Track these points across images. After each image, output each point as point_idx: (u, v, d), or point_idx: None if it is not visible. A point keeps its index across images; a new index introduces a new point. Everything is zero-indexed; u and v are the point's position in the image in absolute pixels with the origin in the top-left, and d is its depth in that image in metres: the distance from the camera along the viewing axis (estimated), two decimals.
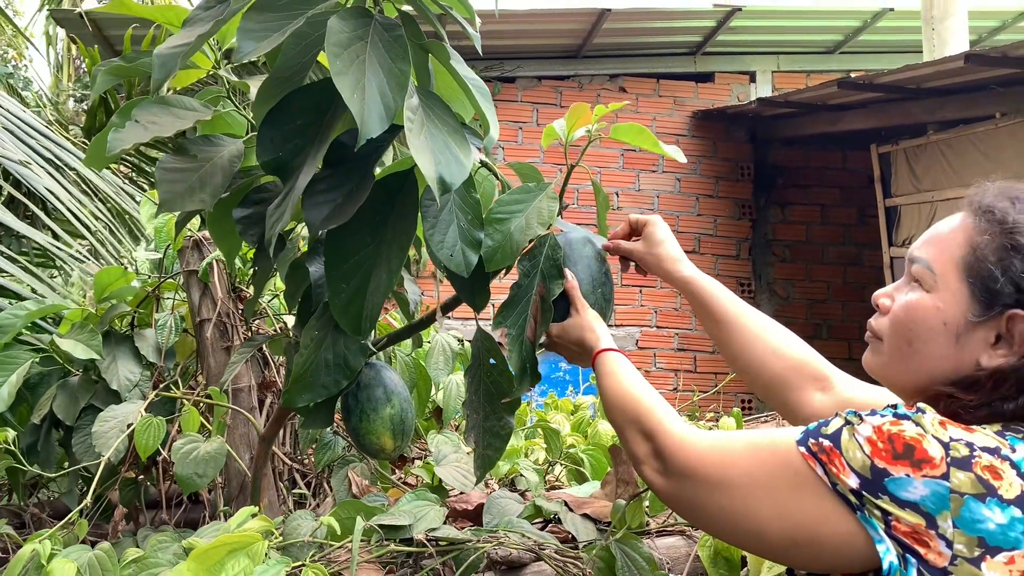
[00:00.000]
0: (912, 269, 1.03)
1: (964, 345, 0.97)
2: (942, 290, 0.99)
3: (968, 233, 0.99)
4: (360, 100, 1.10)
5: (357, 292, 1.33)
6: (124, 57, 1.44)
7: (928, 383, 0.99)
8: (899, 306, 1.03)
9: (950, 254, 1.00)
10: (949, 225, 1.02)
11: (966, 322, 0.97)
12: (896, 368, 1.04)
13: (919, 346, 1.00)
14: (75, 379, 1.97)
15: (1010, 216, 0.96)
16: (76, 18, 5.09)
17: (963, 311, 0.97)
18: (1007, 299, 0.94)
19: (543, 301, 1.35)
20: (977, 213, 0.99)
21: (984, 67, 4.05)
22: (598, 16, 5.93)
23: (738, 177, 6.99)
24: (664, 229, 1.37)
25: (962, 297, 0.97)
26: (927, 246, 1.03)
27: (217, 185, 1.40)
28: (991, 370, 0.94)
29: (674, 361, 6.76)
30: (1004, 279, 0.94)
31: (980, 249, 0.97)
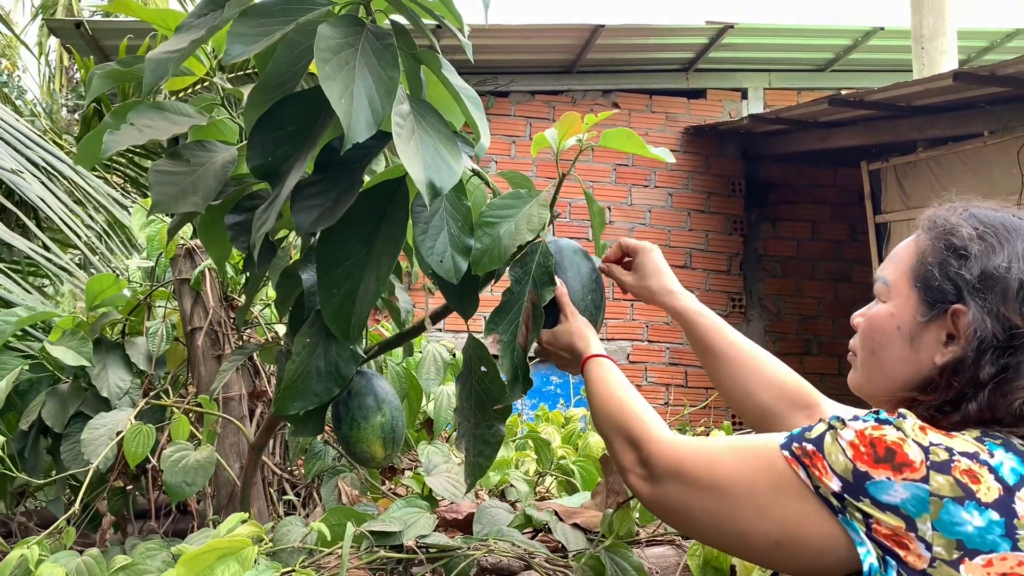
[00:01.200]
0: (875, 288, 1.09)
1: (918, 347, 1.01)
2: (895, 298, 1.04)
3: (917, 244, 1.05)
4: (347, 105, 1.11)
5: (347, 297, 1.34)
6: (120, 61, 1.45)
7: (894, 389, 1.03)
8: (862, 320, 1.09)
9: (902, 266, 1.05)
10: (904, 243, 1.08)
11: (916, 324, 1.01)
12: (868, 379, 1.08)
13: (881, 354, 1.05)
14: (65, 386, 1.96)
15: (949, 220, 1.02)
16: (71, 28, 5.10)
17: (912, 314, 1.02)
18: (949, 296, 0.99)
19: (534, 308, 1.35)
20: (924, 227, 1.06)
21: (973, 85, 4.09)
22: (591, 32, 5.97)
23: (730, 193, 7.02)
24: (656, 259, 1.38)
25: (911, 301, 1.02)
26: (885, 264, 1.09)
27: (209, 189, 1.41)
28: (941, 366, 0.98)
29: (665, 375, 6.77)
30: (942, 277, 0.99)
31: (923, 255, 1.03)
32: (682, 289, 1.37)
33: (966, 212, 1.03)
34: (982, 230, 1.00)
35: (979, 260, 0.98)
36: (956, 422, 0.95)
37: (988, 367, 0.94)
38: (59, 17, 9.45)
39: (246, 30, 1.12)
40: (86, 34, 5.12)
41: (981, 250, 0.98)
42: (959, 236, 1.00)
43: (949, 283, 0.99)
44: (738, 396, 1.31)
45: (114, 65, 1.42)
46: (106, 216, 3.17)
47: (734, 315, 6.95)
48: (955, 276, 0.99)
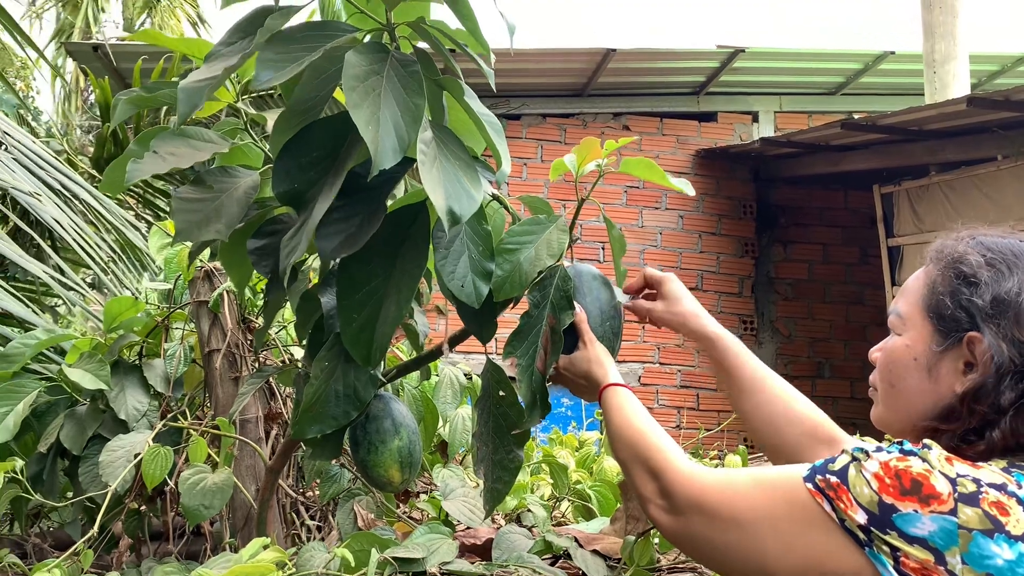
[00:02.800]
0: (889, 321, 1.10)
1: (937, 377, 1.01)
2: (910, 329, 1.05)
3: (927, 275, 1.06)
4: (374, 132, 1.12)
5: (368, 322, 1.34)
6: (144, 87, 1.46)
7: (916, 420, 1.03)
8: (879, 354, 1.09)
9: (915, 297, 1.06)
10: (914, 275, 1.09)
11: (932, 354, 1.02)
12: (889, 412, 1.08)
13: (900, 385, 1.05)
14: (82, 408, 1.97)
15: (957, 249, 1.04)
16: (89, 51, 5.16)
17: (928, 344, 1.03)
18: (963, 324, 0.99)
19: (553, 332, 1.35)
20: (932, 258, 1.07)
21: (986, 110, 4.10)
22: (603, 56, 6.01)
23: (741, 215, 7.03)
24: (681, 286, 1.38)
25: (926, 332, 1.03)
26: (898, 298, 1.10)
27: (233, 216, 1.42)
28: (961, 394, 0.98)
29: (677, 398, 6.74)
30: (954, 306, 1.00)
31: (934, 285, 1.04)
32: (709, 315, 1.37)
33: (973, 240, 1.04)
34: (990, 256, 1.01)
35: (990, 287, 0.99)
36: (981, 451, 0.95)
37: (1008, 392, 0.94)
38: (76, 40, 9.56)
39: (274, 56, 1.13)
40: (103, 57, 5.18)
41: (991, 276, 0.99)
42: (968, 264, 1.01)
43: (962, 311, 1.00)
44: (760, 426, 1.30)
45: (139, 91, 1.44)
46: (119, 237, 3.19)
47: (746, 337, 6.93)
48: (967, 304, 0.99)
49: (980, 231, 1.07)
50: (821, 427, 1.29)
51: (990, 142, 4.39)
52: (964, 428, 0.97)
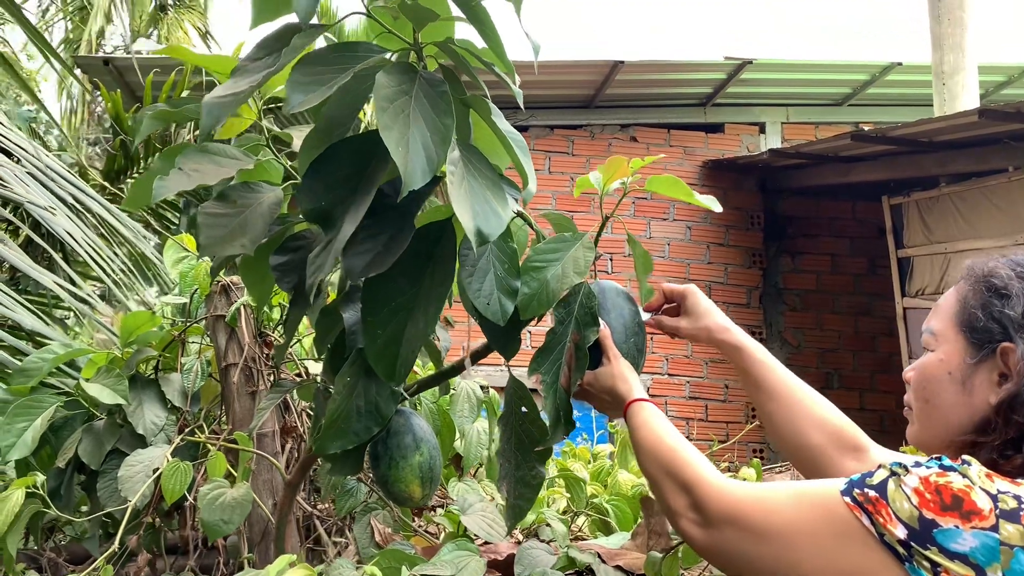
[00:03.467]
0: (923, 339, 1.11)
1: (972, 390, 1.03)
2: (943, 344, 1.07)
3: (958, 292, 1.09)
4: (404, 153, 1.13)
5: (393, 338, 1.34)
6: (169, 102, 1.47)
7: (952, 434, 1.04)
8: (914, 373, 1.11)
9: (946, 314, 1.08)
10: (945, 294, 1.11)
11: (966, 366, 1.03)
12: (925, 429, 1.09)
13: (935, 400, 1.06)
14: (100, 423, 1.97)
15: (987, 265, 1.06)
16: (99, 64, 5.18)
17: (962, 357, 1.04)
18: (996, 336, 1.01)
19: (578, 348, 1.35)
20: (963, 276, 1.09)
21: (997, 122, 4.11)
22: (611, 68, 6.02)
23: (748, 226, 7.03)
24: (704, 299, 1.39)
25: (959, 345, 1.05)
26: (930, 316, 1.12)
27: (257, 231, 1.42)
28: (996, 405, 0.99)
29: (686, 409, 6.73)
30: (986, 318, 1.02)
31: (966, 299, 1.06)
32: (734, 324, 1.37)
33: (1003, 257, 1.07)
34: (1020, 270, 1.03)
35: (1021, 298, 1.01)
36: (1019, 465, 0.96)
37: None
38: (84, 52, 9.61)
39: (305, 79, 1.14)
40: (113, 70, 5.20)
41: (1022, 288, 1.01)
42: (999, 277, 1.03)
43: (994, 323, 1.01)
44: (788, 434, 1.30)
45: (163, 106, 1.44)
46: (131, 250, 3.20)
47: None
48: (999, 316, 1.01)
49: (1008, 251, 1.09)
50: (845, 432, 1.29)
51: (1001, 154, 4.39)
52: (1002, 440, 0.98)
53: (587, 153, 6.84)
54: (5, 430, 1.84)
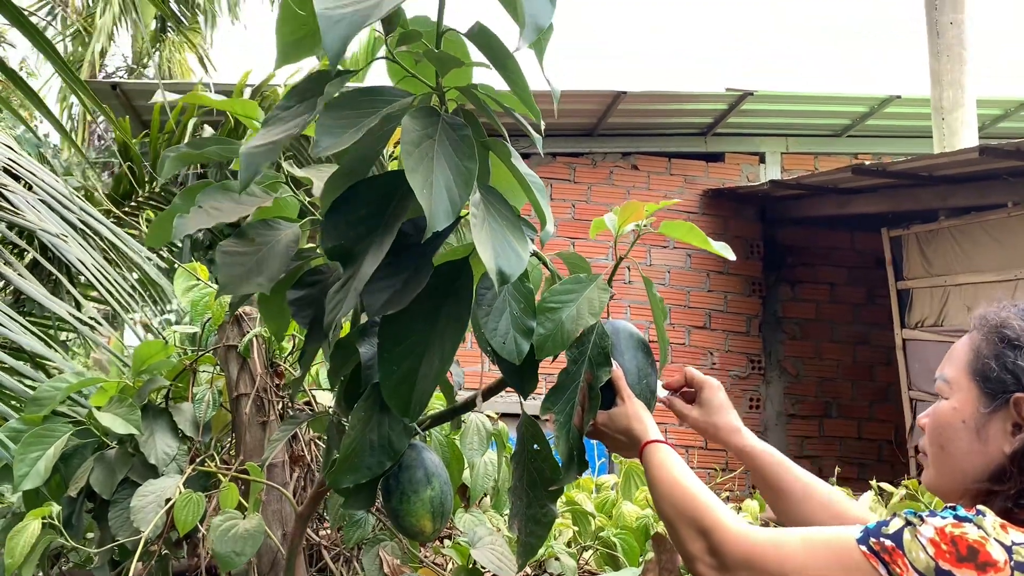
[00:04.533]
0: (936, 386, 1.13)
1: (986, 439, 1.04)
2: (957, 392, 1.09)
3: (971, 340, 1.11)
4: (429, 195, 1.15)
5: (408, 375, 1.36)
6: (191, 143, 1.50)
7: (967, 482, 1.06)
8: (927, 419, 1.12)
9: (960, 362, 1.10)
10: (958, 341, 1.14)
11: (980, 415, 1.05)
12: (939, 475, 1.11)
13: (950, 448, 1.08)
14: (112, 452, 1.98)
15: (1000, 315, 1.08)
16: (107, 89, 5.23)
17: (975, 407, 1.06)
18: (1009, 386, 1.03)
19: (590, 388, 1.37)
20: (977, 325, 1.11)
21: (997, 159, 4.16)
22: (613, 98, 6.09)
23: (748, 254, 7.07)
24: (722, 396, 1.39)
25: (973, 395, 1.07)
26: (943, 364, 1.13)
27: (275, 269, 1.44)
28: (1011, 454, 1.01)
29: (687, 436, 6.73)
30: (1000, 368, 1.04)
31: (979, 349, 1.08)
32: (745, 427, 1.38)
33: (1015, 307, 1.09)
34: None
35: None
36: None
37: None
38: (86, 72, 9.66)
39: (333, 123, 1.16)
40: (120, 95, 5.25)
41: None
42: (1011, 328, 1.05)
43: (1008, 373, 1.03)
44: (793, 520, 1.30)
45: (187, 147, 1.47)
46: (141, 276, 3.21)
47: (753, 376, 6.94)
48: (1013, 367, 1.03)
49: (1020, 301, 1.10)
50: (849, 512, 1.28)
51: (1000, 189, 4.44)
52: (1016, 489, 1.00)
53: (589, 180, 6.89)
54: (19, 460, 1.85)
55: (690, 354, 6.83)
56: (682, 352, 6.82)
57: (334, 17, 1.09)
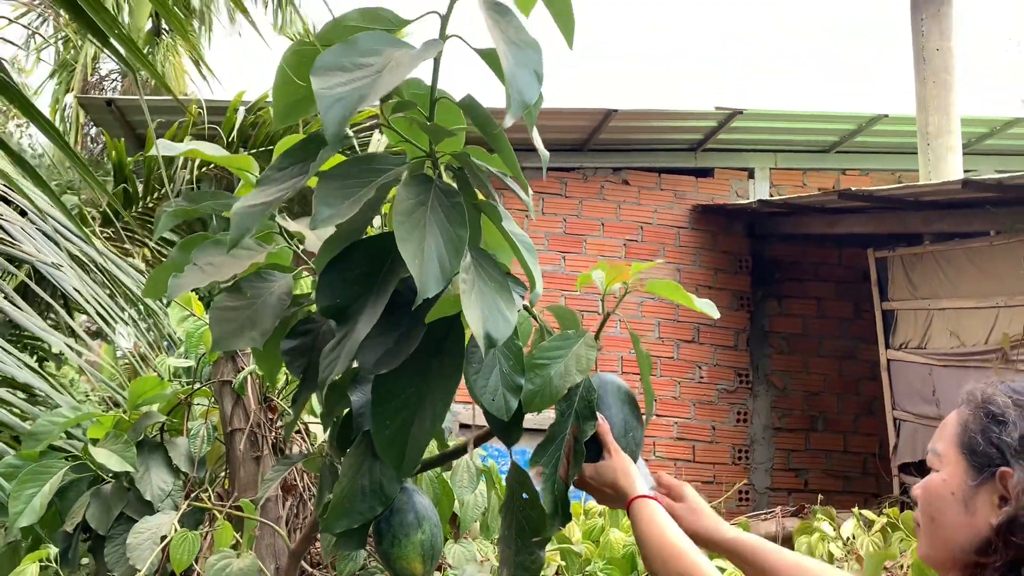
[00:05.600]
0: (927, 459, 1.17)
1: (973, 511, 1.08)
2: (946, 465, 1.13)
3: (959, 416, 1.15)
4: (420, 264, 1.19)
5: (401, 430, 1.40)
6: (188, 197, 1.53)
7: (957, 553, 1.09)
8: (920, 490, 1.16)
9: (949, 436, 1.14)
10: (949, 415, 1.17)
11: (968, 488, 1.09)
12: (931, 546, 1.14)
13: (940, 519, 1.12)
14: (107, 487, 2.01)
15: (986, 392, 1.13)
16: (102, 105, 5.26)
17: (963, 479, 1.10)
18: (995, 460, 1.07)
19: (576, 442, 1.41)
20: (965, 400, 1.15)
21: (980, 192, 4.22)
22: (604, 115, 6.14)
23: (737, 269, 7.13)
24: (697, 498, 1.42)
25: (961, 468, 1.11)
26: (935, 437, 1.17)
27: (267, 323, 1.47)
28: (997, 525, 1.05)
29: (673, 450, 6.78)
30: (985, 443, 1.08)
31: (967, 424, 1.12)
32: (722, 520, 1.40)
33: (1001, 384, 1.13)
34: (1016, 398, 1.10)
35: (1018, 425, 1.07)
36: None
37: None
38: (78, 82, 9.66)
39: (331, 193, 1.20)
40: (115, 111, 5.27)
41: (1018, 416, 1.08)
42: (996, 404, 1.10)
43: (993, 448, 1.08)
44: None
45: (183, 203, 1.51)
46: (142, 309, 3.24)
47: (741, 390, 7.00)
48: (998, 441, 1.07)
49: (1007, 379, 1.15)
50: None
51: (983, 217, 4.52)
52: (1003, 561, 1.04)
53: (580, 195, 6.95)
54: (14, 497, 1.88)
55: (678, 368, 6.89)
56: (671, 365, 6.88)
57: (332, 96, 1.13)
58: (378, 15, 1.31)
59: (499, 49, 1.20)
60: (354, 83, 1.15)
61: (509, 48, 1.22)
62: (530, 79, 1.23)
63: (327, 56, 1.16)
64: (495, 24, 1.23)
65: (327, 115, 1.12)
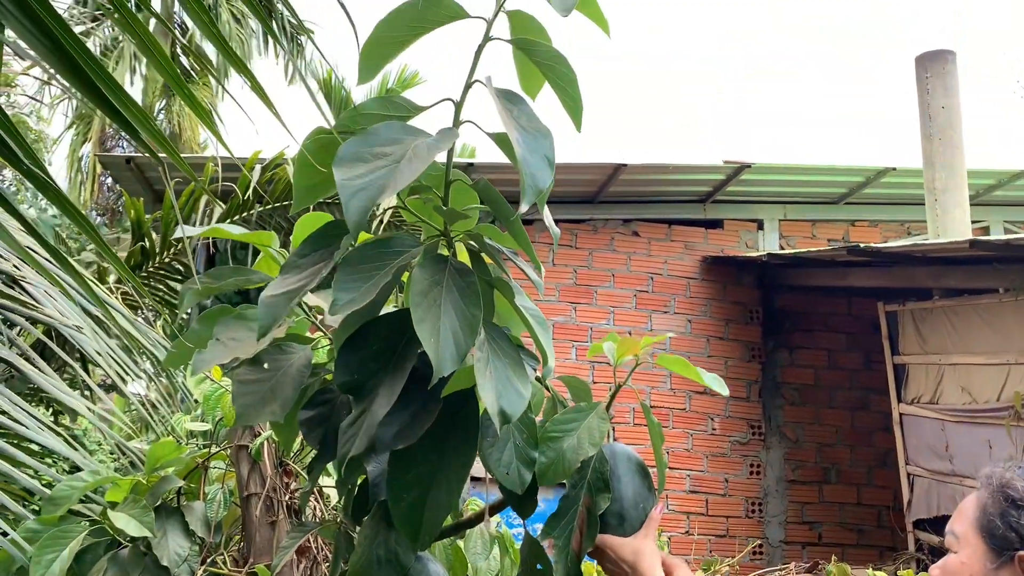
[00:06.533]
0: (946, 541, 1.20)
1: None
2: (965, 547, 1.16)
3: (978, 498, 1.19)
4: (436, 344, 1.23)
5: (417, 503, 1.42)
6: (208, 275, 1.58)
7: None
8: (938, 571, 1.19)
9: (968, 519, 1.18)
10: (967, 499, 1.21)
11: (987, 571, 1.13)
12: None
13: None
14: (124, 552, 2.03)
15: (1004, 476, 1.17)
16: (121, 163, 5.37)
17: (983, 562, 1.14)
18: (1014, 544, 1.11)
19: (589, 514, 1.44)
20: (983, 484, 1.19)
21: (988, 251, 4.25)
22: (614, 169, 6.22)
23: (747, 320, 7.14)
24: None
25: (980, 551, 1.14)
26: (953, 519, 1.21)
27: (287, 396, 1.51)
28: None
29: (687, 503, 6.74)
30: (1004, 527, 1.12)
31: (985, 507, 1.16)
32: None
33: (1019, 468, 1.17)
34: None
35: None
36: None
37: None
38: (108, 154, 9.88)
39: (349, 279, 1.24)
40: (134, 168, 5.38)
41: None
42: (1015, 489, 1.14)
43: (1012, 532, 1.11)
44: None
45: (207, 280, 1.55)
46: (155, 366, 3.29)
47: (754, 442, 6.97)
48: (1017, 525, 1.11)
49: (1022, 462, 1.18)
50: None
51: (991, 274, 4.53)
52: None
53: (590, 246, 7.00)
54: (36, 562, 1.90)
55: (691, 419, 6.87)
56: (683, 417, 6.86)
57: (354, 188, 1.18)
58: (395, 103, 1.36)
59: (512, 137, 1.25)
60: (375, 173, 1.20)
61: (522, 135, 1.28)
62: (542, 165, 1.28)
63: (348, 147, 1.21)
64: (507, 112, 1.28)
65: (349, 205, 1.16)
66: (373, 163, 1.19)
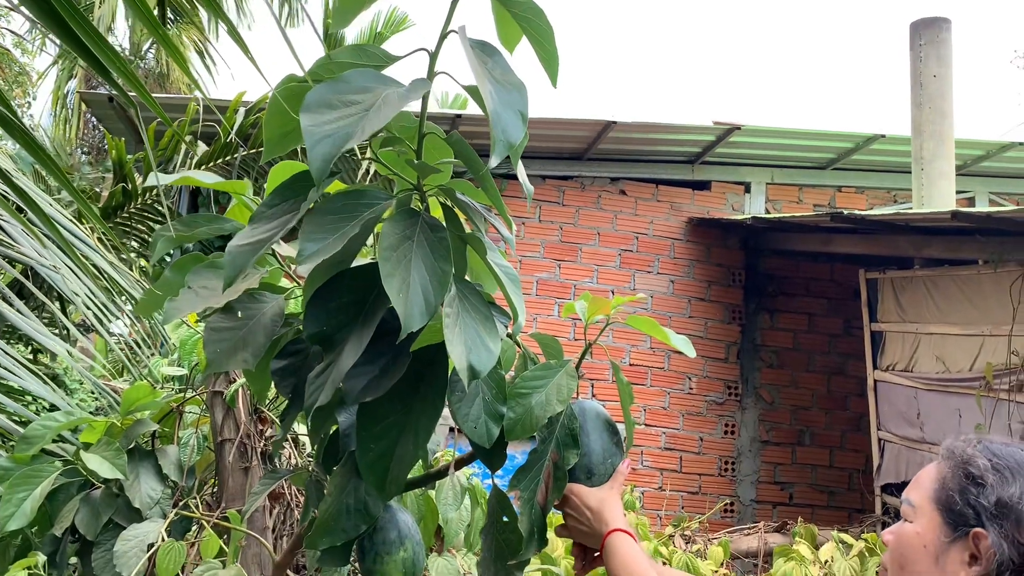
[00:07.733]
0: (901, 509, 1.21)
1: (944, 566, 1.12)
2: (920, 518, 1.17)
3: (938, 470, 1.19)
4: (404, 299, 1.23)
5: (384, 454, 1.43)
6: (181, 222, 1.57)
7: None
8: (891, 536, 1.20)
9: (925, 489, 1.18)
10: (926, 469, 1.21)
11: (941, 543, 1.13)
12: None
13: (909, 569, 1.16)
14: (97, 493, 2.05)
15: (966, 452, 1.16)
16: (104, 100, 5.29)
17: (937, 534, 1.14)
18: (970, 520, 1.11)
19: (556, 468, 1.46)
20: (944, 456, 1.19)
21: (969, 223, 4.27)
22: (603, 127, 6.18)
23: (730, 282, 7.17)
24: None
25: (935, 523, 1.15)
26: (910, 488, 1.21)
27: (259, 344, 1.51)
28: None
29: (661, 460, 6.83)
30: (962, 502, 1.12)
31: (945, 481, 1.16)
32: None
33: (980, 444, 1.17)
34: (996, 462, 1.13)
35: (995, 489, 1.11)
36: None
37: None
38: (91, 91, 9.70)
39: (316, 230, 1.24)
40: (117, 106, 5.31)
41: (996, 480, 1.11)
42: (976, 466, 1.14)
43: (969, 508, 1.12)
44: None
45: (180, 228, 1.54)
46: (133, 304, 3.28)
47: (729, 403, 7.04)
48: (974, 503, 1.12)
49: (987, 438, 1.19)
50: None
51: (972, 245, 4.56)
52: None
53: (577, 203, 6.99)
54: (6, 500, 1.92)
55: (669, 378, 6.93)
56: (661, 376, 6.92)
57: (320, 134, 1.16)
58: (369, 52, 1.34)
59: (484, 89, 1.23)
60: (342, 120, 1.18)
61: (494, 88, 1.25)
62: (515, 120, 1.26)
63: (316, 93, 1.19)
64: (481, 64, 1.26)
65: (313, 152, 1.14)
66: (341, 110, 1.17)
